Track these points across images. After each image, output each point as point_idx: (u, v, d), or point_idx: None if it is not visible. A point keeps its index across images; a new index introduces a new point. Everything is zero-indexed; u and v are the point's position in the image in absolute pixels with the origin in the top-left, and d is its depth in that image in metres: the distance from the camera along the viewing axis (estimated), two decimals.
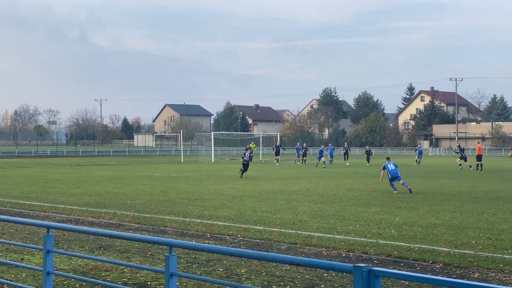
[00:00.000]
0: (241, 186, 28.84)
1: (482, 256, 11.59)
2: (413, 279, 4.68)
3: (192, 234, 14.73)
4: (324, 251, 12.49)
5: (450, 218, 16.83)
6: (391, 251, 12.27)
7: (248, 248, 12.88)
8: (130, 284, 9.61)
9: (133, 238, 6.84)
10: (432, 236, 13.84)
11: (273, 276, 10.20)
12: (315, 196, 23.41)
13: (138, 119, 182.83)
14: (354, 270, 4.57)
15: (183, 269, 10.60)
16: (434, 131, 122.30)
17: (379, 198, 22.69)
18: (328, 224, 15.97)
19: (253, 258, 5.61)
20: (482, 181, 31.94)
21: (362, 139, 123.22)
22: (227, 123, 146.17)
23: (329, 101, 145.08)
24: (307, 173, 40.89)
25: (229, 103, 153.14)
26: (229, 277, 10.18)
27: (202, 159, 66.22)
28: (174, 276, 5.74)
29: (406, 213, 18.01)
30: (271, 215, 17.74)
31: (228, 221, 16.71)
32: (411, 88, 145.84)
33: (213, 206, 20.09)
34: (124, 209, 19.45)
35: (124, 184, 30.48)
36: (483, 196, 23.38)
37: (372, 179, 33.80)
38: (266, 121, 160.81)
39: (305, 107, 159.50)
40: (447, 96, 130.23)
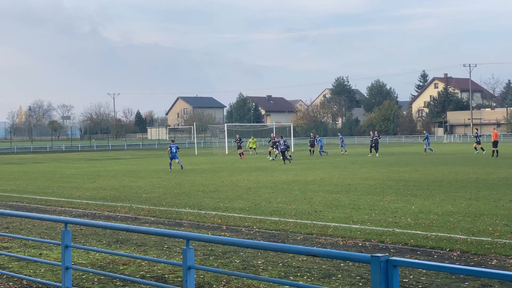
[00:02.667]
0: (255, 177, 28.86)
1: (499, 243, 11.53)
2: (431, 268, 4.68)
3: (208, 226, 14.77)
4: (340, 241, 12.48)
5: (466, 206, 16.76)
6: (407, 239, 12.24)
7: (264, 239, 12.90)
8: (147, 278, 9.67)
9: (150, 232, 6.88)
10: (449, 224, 13.79)
11: (290, 267, 10.22)
12: (330, 186, 23.38)
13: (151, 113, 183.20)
14: (372, 260, 4.57)
15: (200, 262, 10.64)
16: (449, 118, 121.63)
17: (394, 186, 22.62)
18: (343, 213, 15.95)
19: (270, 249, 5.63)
20: (498, 167, 31.75)
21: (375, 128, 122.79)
22: (240, 114, 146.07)
23: (341, 90, 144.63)
24: (321, 163, 40.84)
25: (241, 95, 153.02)
26: (246, 268, 10.21)
27: (216, 151, 66.35)
28: (191, 269, 5.76)
29: (422, 201, 17.95)
30: (286, 206, 17.75)
31: (243, 212, 16.73)
32: (424, 75, 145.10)
33: (228, 198, 20.13)
34: (140, 203, 19.53)
35: (139, 177, 30.61)
36: (499, 182, 23.24)
37: (386, 167, 33.71)
38: (279, 111, 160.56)
39: (318, 97, 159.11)
40: (461, 83, 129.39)
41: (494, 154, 42.26)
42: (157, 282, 8.92)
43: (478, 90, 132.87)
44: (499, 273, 4.32)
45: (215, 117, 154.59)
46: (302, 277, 9.53)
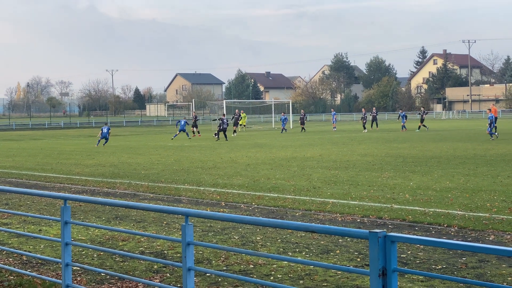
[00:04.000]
0: (254, 154, 28.89)
1: (497, 219, 11.59)
2: (428, 243, 4.70)
3: (207, 203, 14.82)
4: (338, 217, 12.53)
5: (464, 182, 16.80)
6: (405, 215, 12.29)
7: (263, 215, 12.95)
8: (147, 253, 9.72)
9: (149, 208, 6.89)
10: (447, 200, 13.84)
11: (289, 242, 10.27)
12: (329, 163, 23.42)
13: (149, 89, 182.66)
14: (370, 236, 4.58)
15: (199, 238, 10.69)
16: (447, 94, 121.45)
17: (393, 163, 22.66)
18: (342, 190, 16.00)
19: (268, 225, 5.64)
20: (497, 143, 31.78)
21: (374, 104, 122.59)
22: (238, 91, 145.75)
23: (340, 66, 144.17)
24: (320, 139, 40.87)
25: (240, 71, 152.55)
26: (245, 244, 10.26)
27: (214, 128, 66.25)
28: (191, 245, 5.79)
29: (420, 177, 18.00)
30: (285, 182, 17.79)
31: (242, 189, 16.78)
32: (424, 51, 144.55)
33: (227, 175, 20.17)
34: (139, 179, 19.57)
35: (138, 154, 30.63)
36: (497, 158, 23.28)
37: (385, 144, 33.74)
38: (278, 88, 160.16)
39: (317, 73, 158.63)
40: (460, 59, 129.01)
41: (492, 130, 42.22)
42: (156, 258, 8.97)
43: (477, 66, 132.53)
44: (496, 249, 4.34)
45: (214, 93, 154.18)
46: (300, 253, 9.58)
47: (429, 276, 7.26)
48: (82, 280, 8.29)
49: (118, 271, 8.67)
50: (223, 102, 72.44)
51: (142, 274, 8.52)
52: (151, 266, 8.90)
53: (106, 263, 9.24)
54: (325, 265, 7.98)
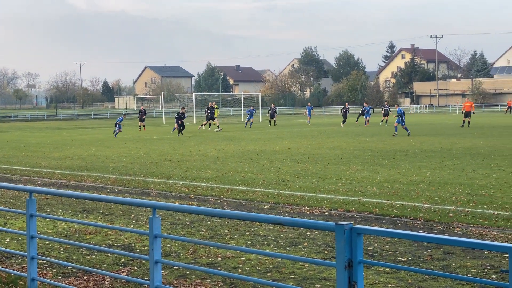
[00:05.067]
0: (223, 147, 28.87)
1: (462, 212, 11.76)
2: (394, 235, 4.76)
3: (175, 196, 14.77)
4: (307, 210, 12.60)
5: (431, 175, 17.01)
6: (373, 208, 12.40)
7: (231, 208, 12.95)
8: (114, 247, 9.66)
9: (117, 201, 6.85)
10: (413, 193, 14.00)
11: (257, 235, 10.29)
12: (298, 156, 23.51)
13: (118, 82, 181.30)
14: (336, 228, 4.62)
15: (167, 231, 10.66)
16: (415, 89, 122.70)
17: (361, 156, 22.84)
18: (310, 183, 16.07)
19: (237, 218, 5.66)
20: (463, 137, 32.22)
21: (343, 98, 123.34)
22: (208, 84, 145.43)
23: (310, 60, 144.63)
24: (289, 133, 41.00)
25: (210, 64, 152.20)
26: (213, 237, 10.26)
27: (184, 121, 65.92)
28: (158, 237, 5.77)
29: (388, 171, 18.17)
30: (254, 175, 17.82)
31: (211, 182, 16.76)
32: (392, 46, 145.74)
33: (196, 168, 20.13)
34: (107, 172, 19.42)
35: (106, 147, 30.39)
36: (463, 152, 23.61)
37: (353, 137, 33.98)
38: (248, 81, 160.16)
39: (286, 67, 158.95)
40: (428, 53, 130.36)
41: (465, 124, 42.83)
42: (123, 251, 8.92)
43: (444, 61, 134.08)
44: (461, 241, 4.41)
45: (183, 86, 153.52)
46: (268, 245, 9.61)
47: (395, 268, 7.33)
48: (48, 273, 8.21)
49: (84, 264, 8.60)
50: (193, 95, 72.22)
51: (109, 267, 8.47)
52: (118, 259, 8.85)
53: (72, 256, 9.17)
54: (292, 258, 8.03)
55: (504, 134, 34.22)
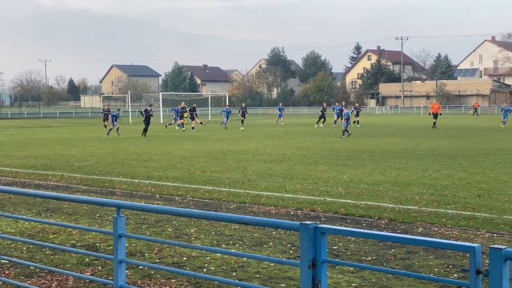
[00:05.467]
0: (190, 146, 28.80)
1: (425, 211, 11.92)
2: (357, 235, 4.80)
3: (141, 195, 14.70)
4: (272, 210, 12.64)
5: (395, 175, 17.20)
6: (338, 208, 12.49)
7: (198, 208, 12.94)
8: (78, 246, 9.57)
9: (81, 200, 6.79)
10: (378, 193, 14.14)
11: (222, 235, 10.30)
12: (264, 156, 23.56)
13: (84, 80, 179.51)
14: (301, 228, 4.64)
15: (132, 230, 10.60)
16: (381, 90, 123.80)
17: (327, 156, 22.98)
18: (276, 183, 16.13)
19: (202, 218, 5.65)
20: (427, 138, 32.64)
21: (310, 99, 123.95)
22: (175, 83, 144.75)
23: (277, 60, 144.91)
24: (256, 133, 41.05)
25: (177, 63, 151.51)
26: (179, 237, 10.23)
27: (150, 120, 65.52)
28: (122, 237, 5.73)
29: (353, 171, 18.32)
30: (220, 175, 17.81)
31: (177, 181, 16.71)
32: (358, 47, 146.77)
33: (162, 167, 20.04)
34: (72, 171, 19.23)
35: (71, 146, 30.07)
36: (427, 153, 23.92)
37: (320, 138, 34.18)
38: (215, 81, 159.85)
39: (254, 67, 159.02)
40: (393, 55, 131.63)
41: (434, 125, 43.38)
42: (87, 251, 8.85)
43: (409, 62, 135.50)
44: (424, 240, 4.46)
45: (150, 85, 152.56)
46: (234, 245, 9.62)
47: (358, 267, 7.39)
48: (10, 273, 8.10)
49: (48, 264, 8.51)
50: (160, 94, 71.88)
51: (73, 267, 8.40)
52: (82, 259, 8.78)
53: (36, 256, 9.06)
54: (257, 257, 8.06)
55: (467, 135, 34.76)
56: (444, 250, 8.84)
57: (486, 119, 63.56)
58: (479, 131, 39.97)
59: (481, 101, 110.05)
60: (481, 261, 3.83)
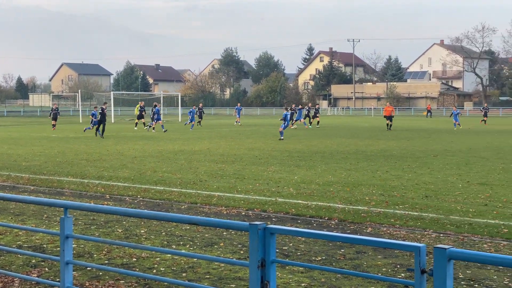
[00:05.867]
0: (141, 146, 28.55)
1: (375, 212, 12.08)
2: (306, 235, 4.84)
3: (91, 196, 14.50)
4: (224, 210, 12.62)
5: (346, 176, 17.38)
6: (289, 208, 12.56)
7: (148, 208, 12.83)
8: (25, 247, 9.38)
9: (28, 200, 6.67)
10: (329, 194, 14.26)
11: (173, 235, 10.23)
12: (216, 156, 23.52)
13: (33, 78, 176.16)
14: (250, 228, 4.66)
15: (81, 231, 10.45)
16: (333, 91, 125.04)
17: (279, 157, 23.08)
18: (228, 183, 16.12)
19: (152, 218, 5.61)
20: (377, 139, 33.09)
21: (263, 99, 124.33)
22: (127, 82, 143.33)
23: (230, 61, 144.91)
24: (208, 133, 40.96)
25: (129, 63, 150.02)
26: (128, 237, 10.13)
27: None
28: (69, 238, 5.65)
29: (305, 172, 18.44)
30: (171, 175, 17.71)
31: (127, 181, 16.55)
32: (311, 48, 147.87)
33: (113, 167, 19.82)
34: (19, 171, 18.84)
35: (19, 145, 29.48)
36: (377, 154, 24.25)
37: (272, 138, 34.30)
38: (167, 81, 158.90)
39: (207, 67, 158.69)
40: (345, 57, 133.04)
41: (388, 127, 43.92)
42: (34, 252, 8.68)
43: (361, 64, 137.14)
44: (371, 240, 4.53)
45: (101, 84, 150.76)
46: (184, 245, 9.57)
47: (308, 267, 7.46)
48: None
49: None
50: (111, 93, 71.05)
51: (19, 269, 8.22)
52: (28, 261, 8.60)
53: None
54: (207, 258, 8.05)
55: (416, 137, 35.37)
56: (392, 250, 8.97)
57: (435, 121, 64.83)
58: (428, 133, 40.73)
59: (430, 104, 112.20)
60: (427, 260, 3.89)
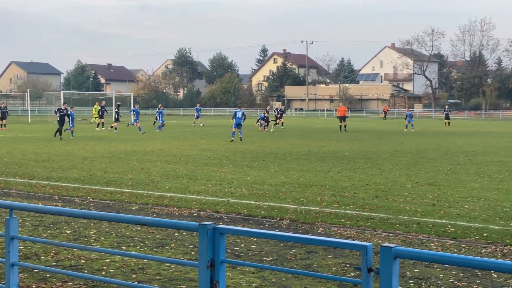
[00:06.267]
0: (92, 147, 28.18)
1: (326, 212, 12.17)
2: (255, 235, 4.84)
3: (39, 197, 14.23)
4: (176, 211, 12.55)
5: (298, 177, 17.47)
6: (241, 209, 12.56)
7: (98, 209, 12.66)
8: None
9: None
10: (281, 194, 14.32)
11: (123, 237, 10.12)
12: (169, 157, 23.38)
13: None
14: (200, 228, 4.64)
15: (28, 233, 10.24)
16: (286, 93, 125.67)
17: (232, 158, 23.07)
18: (180, 184, 16.04)
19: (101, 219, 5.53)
20: (329, 140, 33.38)
21: (216, 100, 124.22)
22: (78, 82, 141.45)
23: (184, 61, 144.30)
24: (161, 133, 40.69)
25: (80, 62, 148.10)
26: (77, 239, 9.97)
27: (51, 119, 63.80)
28: (15, 239, 5.53)
29: (257, 172, 18.47)
30: (123, 176, 17.53)
31: (77, 182, 16.30)
32: (265, 50, 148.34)
33: (62, 168, 19.50)
34: None
35: None
36: (329, 155, 24.45)
37: (225, 139, 34.26)
38: (120, 80, 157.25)
39: (160, 67, 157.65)
40: (299, 58, 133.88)
41: (342, 128, 44.24)
42: None
43: (314, 66, 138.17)
44: (322, 240, 4.56)
45: (51, 84, 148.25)
46: (135, 247, 9.47)
47: (258, 267, 7.46)
48: None
49: None
50: (61, 93, 69.98)
51: None
52: None
53: None
54: (158, 259, 7.98)
55: (367, 138, 35.82)
56: (342, 250, 9.06)
57: (386, 123, 65.75)
58: (379, 134, 41.28)
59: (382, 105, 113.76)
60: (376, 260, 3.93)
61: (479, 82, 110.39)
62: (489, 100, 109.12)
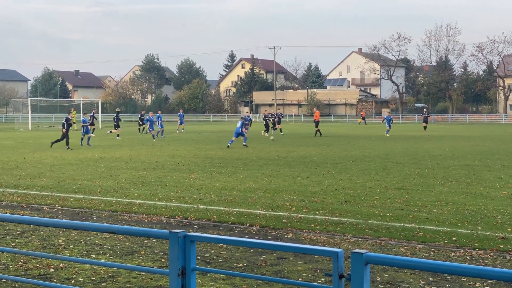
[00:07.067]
0: (60, 154, 27.89)
1: (295, 217, 12.22)
2: (226, 242, 4.85)
3: (6, 205, 14.05)
4: (145, 218, 12.50)
5: (267, 182, 17.52)
6: (211, 215, 12.55)
7: (67, 217, 12.55)
8: None
9: None
10: (250, 200, 14.34)
11: (92, 245, 10.05)
12: (137, 163, 23.25)
13: None
14: (170, 236, 4.63)
15: None
16: (254, 98, 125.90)
17: (201, 164, 23.03)
18: (149, 191, 15.96)
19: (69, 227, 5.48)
20: (298, 146, 33.50)
21: (185, 106, 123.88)
22: (45, 89, 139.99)
23: (151, 67, 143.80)
24: (129, 140, 40.44)
25: (47, 68, 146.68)
26: (46, 247, 9.87)
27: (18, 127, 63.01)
28: None
29: (227, 178, 18.47)
30: (91, 183, 17.39)
31: (45, 190, 16.13)
32: (232, 55, 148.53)
33: (30, 175, 19.27)
34: None
35: None
36: (298, 160, 24.55)
37: (194, 145, 34.20)
38: (87, 87, 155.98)
39: (128, 73, 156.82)
40: (267, 64, 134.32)
41: (317, 133, 44.42)
42: None
43: (282, 71, 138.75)
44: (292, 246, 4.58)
45: (18, 91, 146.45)
46: (104, 255, 9.41)
47: (228, 274, 7.46)
48: None
49: None
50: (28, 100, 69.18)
51: None
52: None
53: None
54: (127, 267, 7.93)
55: (336, 143, 36.03)
56: (312, 255, 9.11)
57: (353, 128, 66.19)
58: (347, 139, 41.55)
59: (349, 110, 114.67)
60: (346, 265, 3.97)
61: (445, 87, 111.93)
62: (455, 104, 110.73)
